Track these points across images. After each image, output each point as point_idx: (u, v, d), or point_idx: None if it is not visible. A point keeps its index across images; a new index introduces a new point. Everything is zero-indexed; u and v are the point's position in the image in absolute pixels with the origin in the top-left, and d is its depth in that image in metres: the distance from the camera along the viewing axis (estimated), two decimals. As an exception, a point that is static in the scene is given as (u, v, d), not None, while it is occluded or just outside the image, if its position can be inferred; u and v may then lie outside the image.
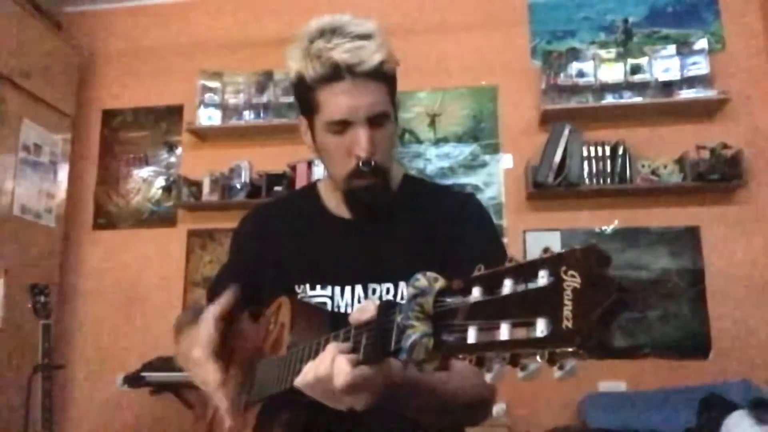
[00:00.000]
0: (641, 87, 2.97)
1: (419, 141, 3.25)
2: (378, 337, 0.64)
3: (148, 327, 3.24)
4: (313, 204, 1.13)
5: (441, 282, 0.57)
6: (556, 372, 0.43)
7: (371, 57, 0.93)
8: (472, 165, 3.18)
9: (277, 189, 3.10)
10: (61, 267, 3.34)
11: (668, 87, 2.95)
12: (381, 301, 0.67)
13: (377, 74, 0.95)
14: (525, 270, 0.47)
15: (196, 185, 3.30)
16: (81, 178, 3.52)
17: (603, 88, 3.00)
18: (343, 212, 1.09)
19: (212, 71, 3.36)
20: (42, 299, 2.59)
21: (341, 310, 1.02)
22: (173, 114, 3.52)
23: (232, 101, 3.33)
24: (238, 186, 3.22)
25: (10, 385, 2.72)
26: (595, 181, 2.92)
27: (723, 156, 2.81)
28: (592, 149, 2.94)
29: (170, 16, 3.63)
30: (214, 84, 3.34)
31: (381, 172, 1.01)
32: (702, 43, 2.96)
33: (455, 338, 0.53)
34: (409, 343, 0.55)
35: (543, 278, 0.44)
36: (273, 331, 0.97)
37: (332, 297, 1.04)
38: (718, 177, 2.79)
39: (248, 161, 3.25)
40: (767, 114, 2.99)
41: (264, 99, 3.30)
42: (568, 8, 3.25)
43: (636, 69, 2.98)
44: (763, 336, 2.81)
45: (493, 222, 1.14)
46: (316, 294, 1.05)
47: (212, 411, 1.07)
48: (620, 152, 2.92)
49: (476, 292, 0.51)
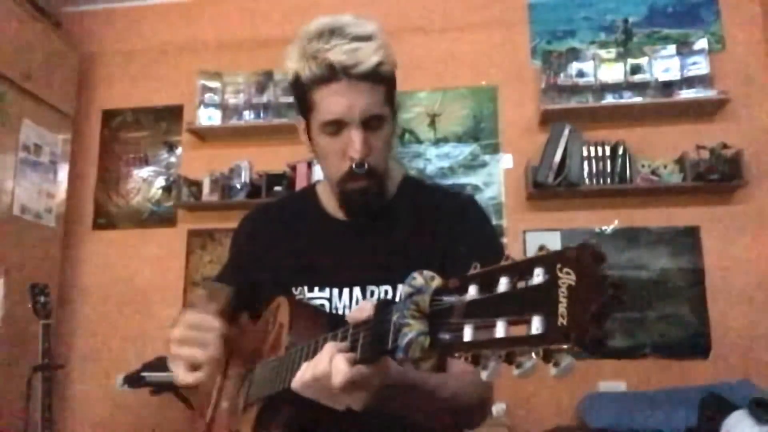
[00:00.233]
0: (641, 87, 2.97)
1: (419, 141, 3.25)
2: (375, 336, 0.64)
3: (148, 327, 3.24)
4: (312, 206, 1.13)
5: (437, 280, 0.57)
6: (552, 369, 0.43)
7: (368, 59, 0.92)
8: (472, 165, 3.18)
9: (277, 189, 3.10)
10: (61, 267, 3.35)
11: (668, 87, 2.95)
12: (378, 300, 0.67)
13: (374, 76, 0.94)
14: (521, 268, 0.47)
15: (196, 185, 3.30)
16: (81, 178, 3.52)
17: (603, 88, 3.00)
18: (342, 214, 1.08)
19: (212, 71, 3.37)
20: (42, 299, 2.59)
21: (339, 313, 1.02)
22: (173, 114, 3.53)
23: (232, 101, 3.33)
24: (238, 186, 3.22)
25: (10, 385, 2.72)
26: (595, 181, 2.92)
27: (723, 156, 2.81)
28: (592, 149, 2.94)
29: (170, 16, 3.63)
30: (214, 84, 3.34)
31: (375, 175, 1.00)
32: (702, 43, 2.96)
33: (451, 336, 0.53)
34: (405, 342, 0.55)
35: (538, 276, 0.44)
36: (272, 332, 0.97)
37: (330, 299, 1.04)
38: (718, 177, 2.79)
39: (248, 161, 3.25)
40: (767, 114, 2.99)
41: (264, 99, 3.30)
42: (568, 8, 3.25)
43: (636, 69, 2.98)
44: (763, 336, 2.81)
45: (492, 223, 1.14)
46: (315, 296, 1.05)
47: (211, 411, 1.07)
48: (620, 152, 2.92)
49: (472, 291, 0.51)
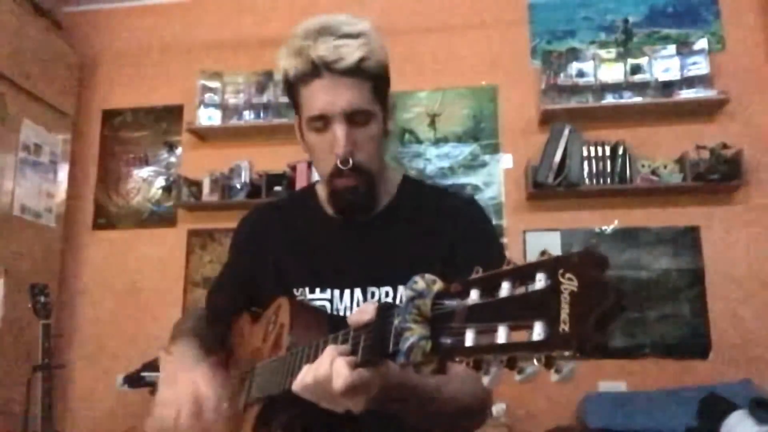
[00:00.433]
0: (641, 87, 2.97)
1: (419, 141, 3.25)
2: (376, 340, 0.64)
3: (148, 327, 3.24)
4: (312, 206, 1.12)
5: (439, 284, 0.57)
6: (553, 375, 0.43)
7: (350, 54, 0.92)
8: (472, 165, 3.17)
9: (277, 189, 3.10)
10: (61, 267, 3.35)
11: (668, 87, 2.95)
12: (380, 303, 0.66)
13: (357, 71, 0.93)
14: (523, 273, 0.47)
15: (196, 185, 3.30)
16: (81, 178, 3.52)
17: (603, 88, 3.00)
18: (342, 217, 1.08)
19: (212, 71, 3.36)
20: (42, 299, 2.59)
21: (340, 314, 1.02)
22: (173, 114, 3.52)
23: (232, 101, 3.32)
24: (238, 186, 3.22)
25: (10, 385, 2.72)
26: (595, 181, 2.92)
27: (723, 156, 2.81)
28: (592, 149, 2.94)
29: (170, 16, 3.63)
30: (214, 84, 3.34)
31: (363, 173, 0.98)
32: (702, 43, 2.96)
33: (453, 341, 0.53)
34: (407, 346, 0.55)
35: (541, 281, 0.44)
36: (272, 332, 0.97)
37: (331, 300, 1.03)
38: (718, 177, 2.79)
39: (248, 161, 3.25)
40: (767, 114, 2.99)
41: (264, 99, 3.30)
42: (568, 8, 3.25)
43: (636, 69, 2.97)
44: (763, 336, 2.81)
45: (493, 225, 1.13)
46: (316, 297, 1.04)
47: None
48: (620, 152, 2.91)
49: (474, 295, 0.51)
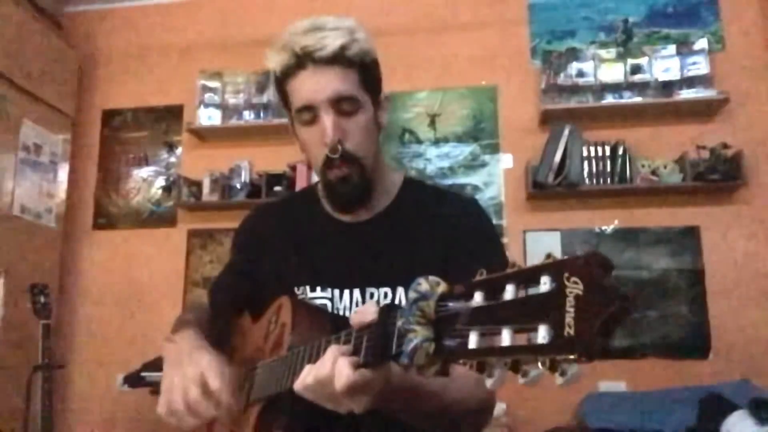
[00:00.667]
0: (641, 87, 2.96)
1: (419, 141, 3.25)
2: (379, 341, 0.64)
3: (148, 327, 3.24)
4: (313, 205, 1.12)
5: (443, 286, 0.57)
6: (558, 379, 0.43)
7: (330, 42, 0.93)
8: (472, 165, 3.17)
9: (277, 189, 3.10)
10: (61, 267, 3.34)
11: (668, 87, 2.95)
12: (382, 304, 0.66)
13: (340, 59, 0.94)
14: (527, 275, 0.47)
15: (196, 185, 3.29)
16: (81, 178, 3.52)
17: (603, 88, 2.99)
18: (340, 213, 1.08)
19: (212, 71, 3.36)
20: (42, 299, 2.59)
21: (341, 313, 1.02)
22: (173, 114, 3.52)
23: (232, 101, 3.32)
24: (238, 186, 3.22)
25: (10, 385, 2.71)
26: (595, 181, 2.92)
27: (723, 156, 2.81)
28: (592, 149, 2.94)
29: (170, 16, 3.63)
30: (214, 84, 3.34)
31: (354, 162, 0.98)
32: (702, 43, 2.96)
33: (456, 343, 0.52)
34: (410, 348, 0.55)
35: (545, 284, 0.44)
36: (274, 331, 0.97)
37: (332, 299, 1.03)
38: (718, 177, 2.79)
39: (248, 161, 3.25)
40: (767, 114, 2.99)
41: (264, 99, 3.29)
42: (568, 8, 3.24)
43: (636, 69, 2.97)
44: (763, 336, 2.81)
45: (494, 227, 1.13)
46: (317, 296, 1.04)
47: None
48: (620, 152, 2.92)
49: (478, 297, 0.51)
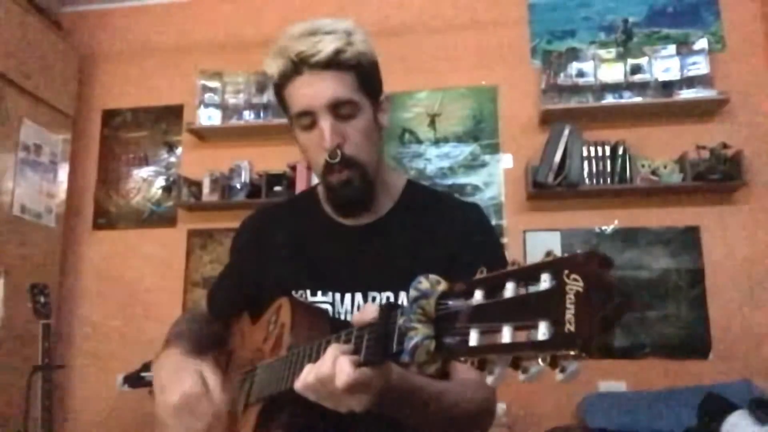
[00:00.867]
0: (641, 87, 2.97)
1: (419, 141, 3.25)
2: (380, 339, 0.64)
3: (148, 327, 3.24)
4: (313, 208, 1.12)
5: (443, 285, 0.57)
6: (558, 375, 0.43)
7: (326, 47, 0.92)
8: (472, 165, 3.17)
9: (277, 189, 3.11)
10: (61, 267, 3.34)
11: (668, 87, 2.95)
12: (383, 303, 0.67)
13: (336, 63, 0.94)
14: (527, 273, 0.47)
15: (196, 185, 3.29)
16: (81, 178, 3.52)
17: (603, 88, 3.00)
18: (342, 217, 1.08)
19: (212, 71, 3.36)
20: (42, 299, 2.59)
21: (342, 317, 1.01)
22: (173, 114, 3.52)
23: (232, 101, 3.32)
24: (238, 186, 3.22)
25: (10, 385, 2.71)
26: (595, 181, 2.92)
27: (723, 156, 2.81)
28: (592, 149, 2.94)
29: (170, 16, 3.63)
30: (214, 84, 3.34)
31: (355, 166, 0.97)
32: (702, 43, 2.96)
33: (457, 341, 0.53)
34: (411, 346, 0.55)
35: (545, 282, 0.44)
36: (273, 332, 0.97)
37: (333, 303, 1.03)
38: (718, 177, 2.79)
39: (248, 161, 3.25)
40: (767, 114, 2.99)
41: (264, 99, 3.29)
42: (568, 8, 3.25)
43: (636, 69, 2.97)
44: (763, 336, 2.81)
45: (496, 231, 1.13)
46: (317, 300, 1.04)
47: None
48: (620, 152, 2.92)
49: (478, 295, 0.51)
